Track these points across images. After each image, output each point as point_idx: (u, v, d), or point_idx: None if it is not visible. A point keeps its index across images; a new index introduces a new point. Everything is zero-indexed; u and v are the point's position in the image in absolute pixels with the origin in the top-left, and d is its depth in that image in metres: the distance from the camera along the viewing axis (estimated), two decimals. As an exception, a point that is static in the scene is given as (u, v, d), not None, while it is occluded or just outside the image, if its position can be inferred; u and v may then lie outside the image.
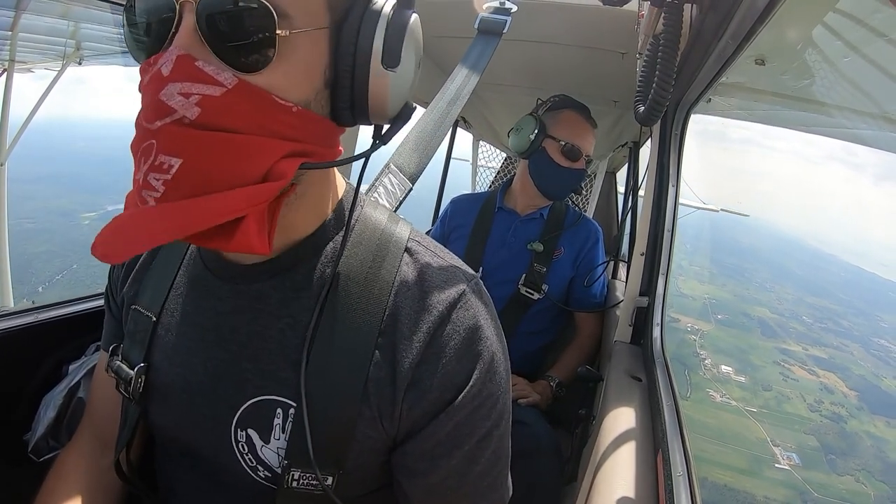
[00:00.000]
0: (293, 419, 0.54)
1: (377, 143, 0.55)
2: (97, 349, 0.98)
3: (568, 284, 1.74)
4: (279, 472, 0.55)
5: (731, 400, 31.01)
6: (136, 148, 0.43)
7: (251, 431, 0.56)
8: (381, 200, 0.77)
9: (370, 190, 0.78)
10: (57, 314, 0.98)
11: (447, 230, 1.87)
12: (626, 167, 2.85)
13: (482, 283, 0.62)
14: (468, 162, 4.40)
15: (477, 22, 0.84)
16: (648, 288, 1.43)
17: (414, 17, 0.52)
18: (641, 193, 1.59)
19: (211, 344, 0.59)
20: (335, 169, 0.62)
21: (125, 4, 0.46)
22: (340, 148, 0.56)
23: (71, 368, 0.94)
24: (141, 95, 0.43)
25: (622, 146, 2.79)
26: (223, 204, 0.42)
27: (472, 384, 0.55)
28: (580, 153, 1.64)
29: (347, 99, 0.50)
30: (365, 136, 0.62)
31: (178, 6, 0.43)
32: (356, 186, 0.61)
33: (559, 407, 1.58)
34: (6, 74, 5.20)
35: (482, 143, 4.24)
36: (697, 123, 1.42)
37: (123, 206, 0.45)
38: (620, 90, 1.87)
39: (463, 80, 0.79)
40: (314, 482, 0.54)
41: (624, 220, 2.52)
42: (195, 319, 0.60)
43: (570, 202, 1.94)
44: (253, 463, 0.57)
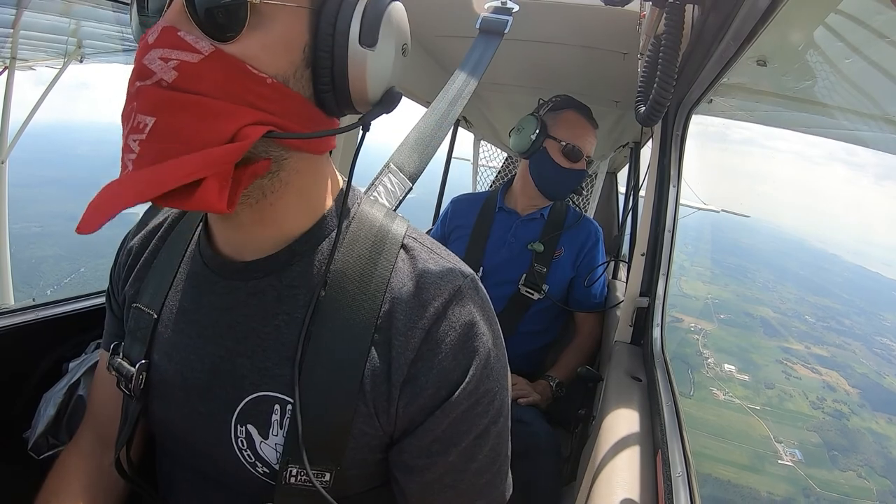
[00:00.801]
0: (291, 415, 0.54)
1: (360, 126, 0.56)
2: (97, 347, 0.98)
3: (568, 284, 1.75)
4: (277, 468, 0.55)
5: (734, 398, 31.15)
6: (123, 115, 0.46)
7: (250, 427, 0.56)
8: (380, 199, 0.77)
9: (370, 189, 0.78)
10: (57, 312, 0.98)
11: (447, 230, 1.87)
12: (626, 167, 2.85)
13: (479, 280, 0.62)
14: (469, 161, 4.40)
15: (478, 22, 0.84)
16: (649, 288, 1.43)
17: (396, 3, 0.54)
18: (642, 194, 1.59)
19: (208, 340, 0.59)
20: (332, 165, 0.63)
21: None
22: (335, 143, 0.57)
23: (71, 366, 0.95)
24: (135, 62, 0.46)
25: (623, 146, 2.79)
26: (186, 165, 0.43)
27: (468, 380, 0.55)
28: (581, 154, 1.64)
29: (328, 79, 0.51)
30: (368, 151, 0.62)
31: None
32: (348, 179, 0.61)
33: (559, 407, 1.58)
34: (7, 72, 5.20)
35: (483, 142, 4.25)
36: (698, 125, 1.42)
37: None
38: (621, 90, 1.87)
39: (464, 80, 0.79)
40: (313, 477, 0.54)
41: (624, 220, 2.52)
42: (193, 316, 0.61)
43: (570, 202, 1.94)
44: (252, 459, 0.57)
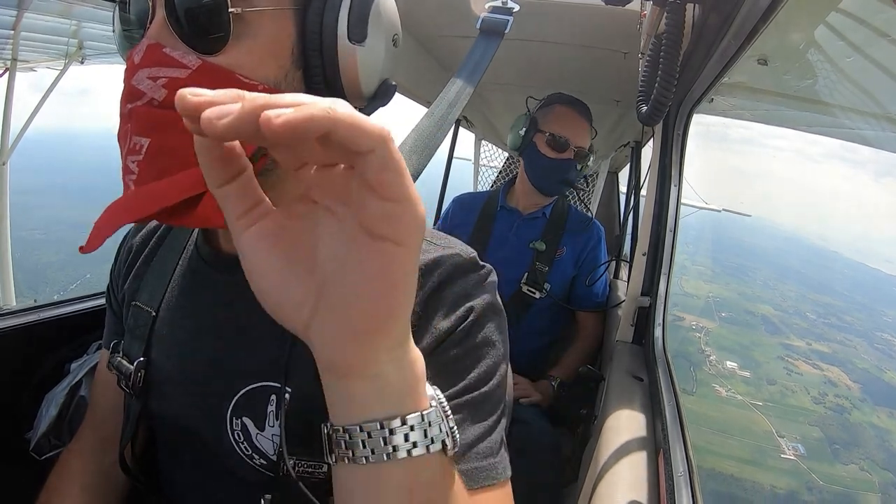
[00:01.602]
0: (287, 406, 0.55)
1: None
2: (98, 348, 0.98)
3: (570, 284, 1.74)
4: (274, 459, 0.56)
5: (736, 394, 31.40)
6: (119, 137, 0.46)
7: (246, 420, 0.56)
8: None
9: None
10: (58, 313, 0.98)
11: (449, 229, 1.87)
12: (627, 167, 2.85)
13: (478, 257, 0.60)
14: (470, 161, 4.40)
15: (479, 22, 0.84)
16: (650, 288, 1.43)
17: None
18: (643, 193, 1.59)
19: (206, 335, 0.59)
20: None
21: (116, 8, 0.49)
22: None
23: (72, 367, 0.95)
24: (124, 82, 0.46)
25: (624, 146, 2.79)
26: (184, 180, 0.42)
27: (459, 330, 0.54)
28: (567, 144, 1.63)
29: (320, 78, 0.51)
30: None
31: (150, 2, 0.46)
32: None
33: (560, 406, 1.58)
34: (8, 74, 5.20)
35: (484, 142, 4.25)
36: (698, 125, 1.42)
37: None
38: (622, 90, 1.87)
39: (464, 81, 0.79)
40: (310, 469, 0.54)
41: (626, 219, 2.52)
42: (191, 311, 0.61)
43: (571, 202, 1.94)
44: (248, 451, 0.57)
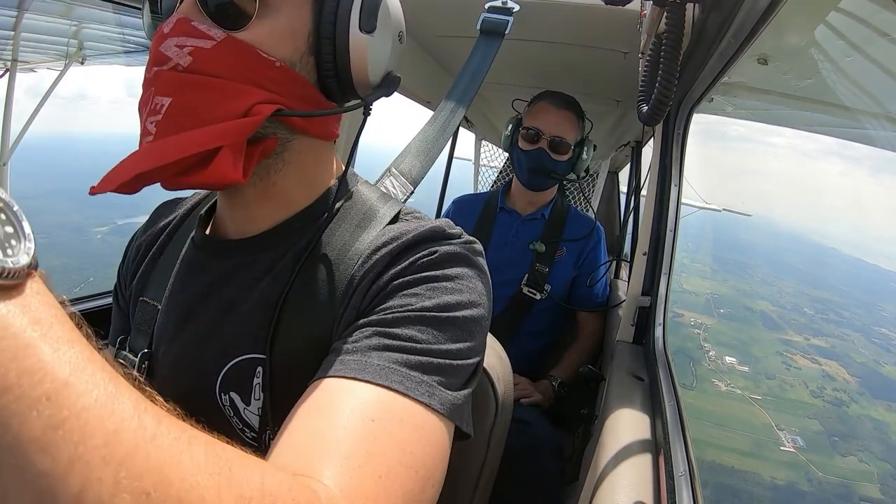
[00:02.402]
0: (269, 375, 0.55)
1: (363, 107, 0.60)
2: (104, 347, 0.98)
3: (570, 284, 1.74)
4: (257, 432, 0.56)
5: (735, 389, 31.67)
6: (140, 105, 0.50)
7: (233, 395, 0.57)
8: None
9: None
10: None
11: None
12: (628, 167, 2.85)
13: (468, 236, 0.60)
14: (470, 161, 4.40)
15: (479, 22, 0.84)
16: (651, 287, 1.43)
17: None
18: (644, 193, 1.59)
19: (197, 315, 0.60)
20: (334, 152, 0.65)
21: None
22: (338, 132, 0.62)
23: (74, 367, 0.95)
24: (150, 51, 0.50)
25: (624, 146, 2.79)
26: (201, 135, 0.47)
27: (413, 260, 0.53)
28: (538, 134, 1.62)
29: (331, 64, 0.55)
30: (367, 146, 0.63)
31: None
32: (347, 161, 0.65)
33: (561, 407, 1.58)
34: (8, 74, 5.20)
35: (484, 142, 4.25)
36: (696, 124, 1.42)
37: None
38: (623, 90, 1.87)
39: (466, 85, 0.80)
40: None
41: (626, 219, 2.52)
42: (183, 297, 0.62)
43: (571, 202, 1.94)
44: (240, 426, 0.58)
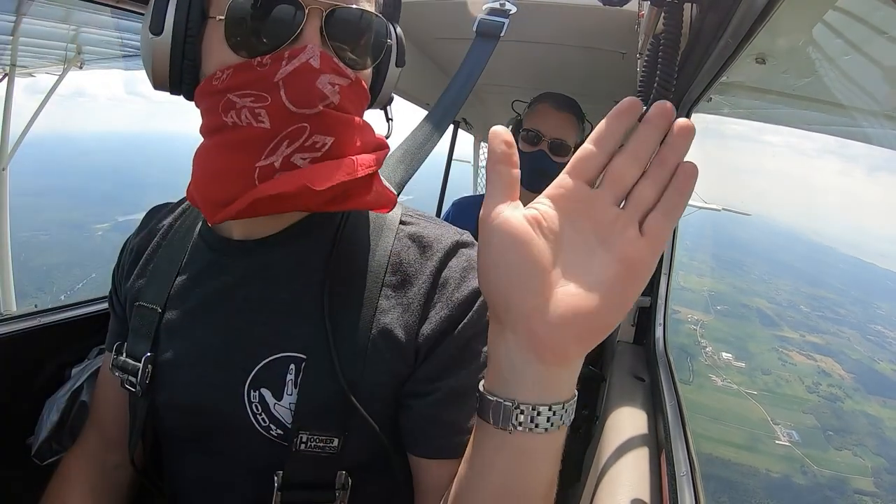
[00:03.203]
0: (304, 371, 0.57)
1: (390, 120, 0.68)
2: (100, 352, 0.98)
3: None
4: (290, 427, 0.57)
5: (731, 384, 32.19)
6: (277, 130, 0.50)
7: (264, 391, 0.58)
8: None
9: None
10: (59, 318, 0.98)
11: None
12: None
13: (472, 237, 0.66)
14: (469, 163, 4.40)
15: (475, 24, 0.84)
16: (651, 288, 1.43)
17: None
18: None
19: (223, 316, 0.61)
20: None
21: (254, 3, 0.51)
22: None
23: (73, 372, 0.94)
24: (283, 82, 0.50)
25: (623, 146, 2.79)
26: (366, 159, 0.53)
27: (472, 312, 0.59)
28: (538, 136, 1.62)
29: (378, 89, 0.63)
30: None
31: (306, 11, 0.51)
32: None
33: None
34: (7, 79, 5.20)
35: (483, 143, 4.25)
36: (693, 121, 1.42)
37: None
38: (621, 90, 1.87)
39: (458, 89, 0.80)
40: (321, 444, 0.56)
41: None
42: (205, 298, 0.62)
43: None
44: (266, 422, 0.58)
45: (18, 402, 0.90)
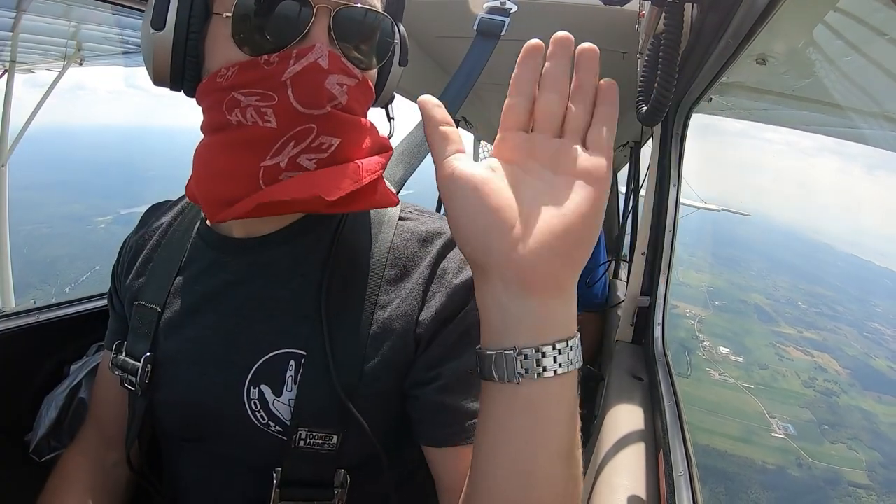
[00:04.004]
0: (304, 367, 0.57)
1: (392, 119, 0.68)
2: (98, 349, 0.98)
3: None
4: (289, 423, 0.57)
5: (729, 378, 32.58)
6: (284, 130, 0.49)
7: (263, 387, 0.58)
8: None
9: None
10: (58, 315, 0.98)
11: None
12: (627, 167, 2.85)
13: None
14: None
15: (476, 23, 0.84)
16: (650, 287, 1.43)
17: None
18: (643, 193, 1.59)
19: (223, 314, 0.61)
20: None
21: (262, 1, 0.50)
22: None
23: (72, 369, 0.94)
24: (291, 82, 0.49)
25: (623, 146, 2.79)
26: (371, 164, 0.52)
27: (473, 301, 0.58)
28: None
29: (379, 90, 0.63)
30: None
31: (314, 10, 0.50)
32: None
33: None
34: (7, 75, 5.19)
35: (483, 142, 4.25)
36: (693, 118, 1.42)
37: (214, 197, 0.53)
38: (621, 90, 1.85)
39: (458, 87, 0.80)
40: (319, 441, 0.56)
41: (625, 219, 2.52)
42: (204, 296, 0.62)
43: None
44: (265, 419, 0.58)
45: (17, 398, 0.90)
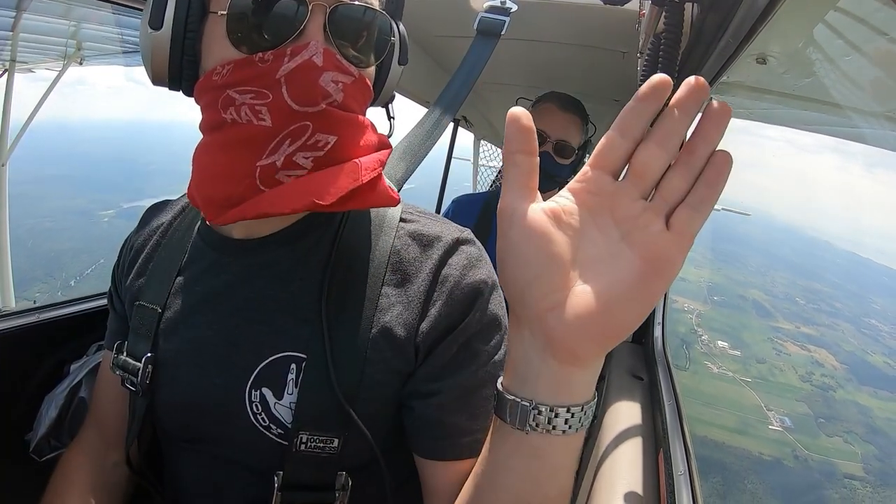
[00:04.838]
0: (305, 371, 0.57)
1: (392, 118, 0.68)
2: (98, 349, 0.98)
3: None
4: (290, 427, 0.57)
5: (727, 371, 33.25)
6: (279, 128, 0.49)
7: (265, 390, 0.58)
8: None
9: None
10: (58, 314, 0.98)
11: None
12: (627, 166, 2.84)
13: (473, 234, 0.66)
14: (469, 161, 4.40)
15: (476, 22, 0.84)
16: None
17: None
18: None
19: (224, 315, 0.60)
20: None
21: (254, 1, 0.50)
22: None
23: (72, 368, 0.95)
24: (285, 79, 0.49)
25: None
26: (370, 161, 0.52)
27: (475, 310, 0.59)
28: (544, 138, 1.60)
29: (378, 89, 0.63)
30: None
31: (309, 7, 0.50)
32: None
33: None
34: (7, 75, 5.19)
35: (483, 142, 4.25)
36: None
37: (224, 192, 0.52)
38: (621, 89, 1.87)
39: (458, 86, 0.80)
40: (320, 445, 0.56)
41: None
42: (205, 297, 0.62)
43: None
44: (266, 422, 0.58)
45: (17, 398, 0.91)
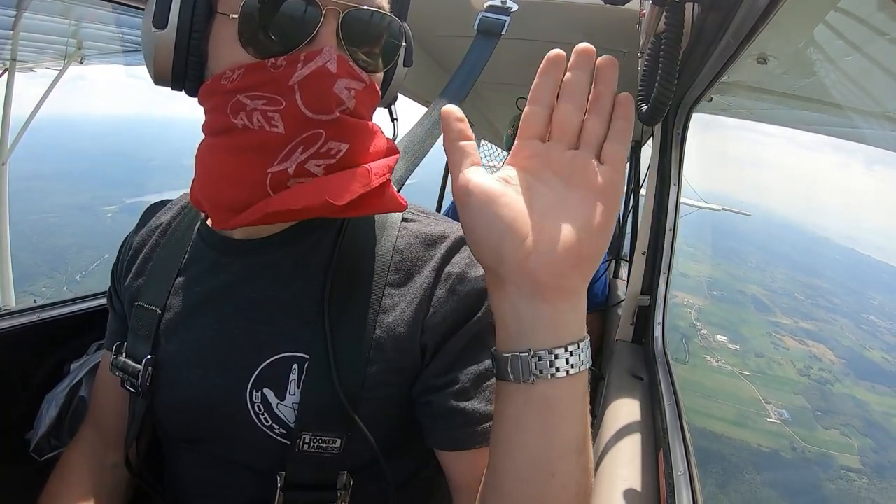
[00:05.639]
0: (307, 371, 0.56)
1: (395, 119, 0.68)
2: (99, 348, 0.98)
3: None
4: (293, 426, 0.56)
5: (726, 364, 33.63)
6: (292, 136, 0.49)
7: (267, 391, 0.57)
8: None
9: None
10: (58, 313, 0.98)
11: None
12: (627, 166, 2.85)
13: None
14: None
15: (477, 22, 0.84)
16: (650, 287, 1.43)
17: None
18: (643, 193, 1.59)
19: (225, 315, 0.60)
20: None
21: (270, 2, 0.49)
22: None
23: (72, 367, 0.95)
24: (299, 86, 0.48)
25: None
26: (379, 167, 0.52)
27: (485, 303, 0.59)
28: None
29: (384, 91, 0.62)
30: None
31: (322, 12, 0.50)
32: None
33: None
34: (7, 74, 5.18)
35: (484, 142, 4.25)
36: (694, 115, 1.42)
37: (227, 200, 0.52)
38: (622, 89, 1.85)
39: (459, 86, 0.80)
40: (323, 445, 0.56)
41: (625, 219, 2.52)
42: (206, 298, 0.62)
43: None
44: (269, 422, 0.57)
45: (17, 397, 0.91)
